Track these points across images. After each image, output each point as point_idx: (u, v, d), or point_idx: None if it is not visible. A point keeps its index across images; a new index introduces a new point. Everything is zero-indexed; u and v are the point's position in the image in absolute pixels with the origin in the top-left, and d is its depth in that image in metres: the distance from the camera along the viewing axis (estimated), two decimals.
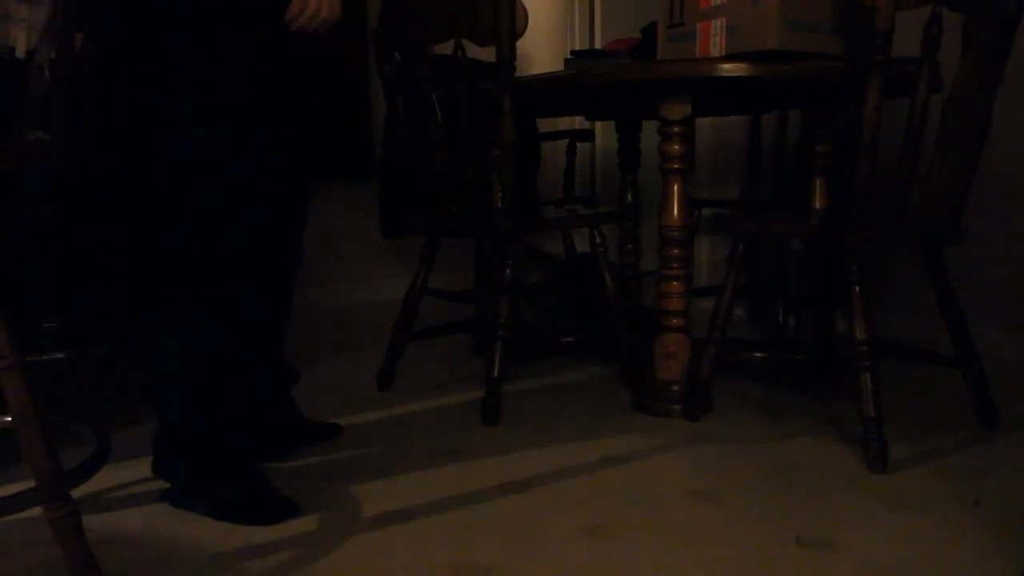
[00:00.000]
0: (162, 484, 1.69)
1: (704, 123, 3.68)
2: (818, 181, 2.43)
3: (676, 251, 2.14)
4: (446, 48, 2.11)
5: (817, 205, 2.43)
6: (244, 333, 1.64)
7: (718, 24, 1.95)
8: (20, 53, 1.49)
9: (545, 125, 3.90)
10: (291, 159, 1.76)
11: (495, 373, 2.16)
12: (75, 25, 1.52)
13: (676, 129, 2.09)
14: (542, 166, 3.53)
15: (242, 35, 1.53)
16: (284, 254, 1.82)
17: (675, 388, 2.16)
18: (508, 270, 2.19)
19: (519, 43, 2.06)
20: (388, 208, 3.80)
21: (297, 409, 2.01)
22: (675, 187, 2.12)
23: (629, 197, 3.03)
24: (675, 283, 2.14)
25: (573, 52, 2.77)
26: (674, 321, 2.15)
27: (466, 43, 2.08)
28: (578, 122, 4.33)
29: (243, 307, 1.62)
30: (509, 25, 2.00)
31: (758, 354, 2.47)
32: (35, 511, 1.28)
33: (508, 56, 2.02)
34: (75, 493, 1.27)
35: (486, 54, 2.07)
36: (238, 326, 1.61)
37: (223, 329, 1.59)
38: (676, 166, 2.11)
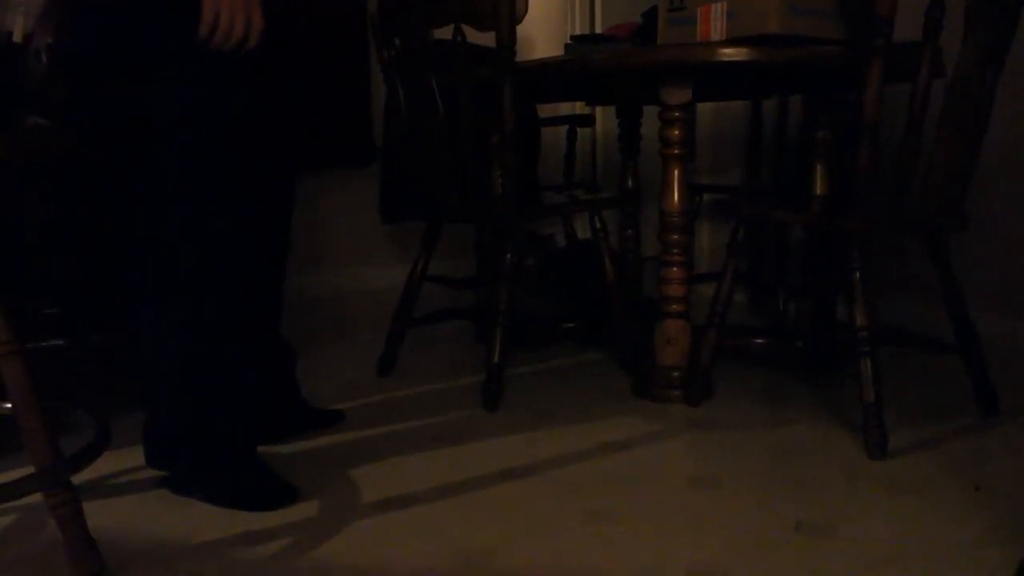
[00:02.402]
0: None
1: (705, 108, 3.66)
2: (819, 167, 2.42)
3: (676, 237, 2.13)
4: (446, 33, 2.10)
5: (818, 191, 2.42)
6: (236, 322, 1.64)
7: (719, 8, 1.94)
8: (17, 38, 1.48)
9: (545, 110, 3.89)
10: (282, 151, 1.77)
11: (495, 359, 2.16)
12: (72, 11, 1.51)
13: (676, 114, 2.08)
14: (542, 152, 3.52)
15: None
16: (275, 243, 1.83)
17: (675, 374, 2.16)
18: (509, 256, 2.18)
19: (519, 28, 2.04)
20: (388, 194, 3.80)
21: (300, 395, 2.01)
22: (675, 172, 2.12)
23: (630, 183, 3.02)
24: (675, 269, 2.14)
25: (573, 37, 2.75)
26: (674, 307, 2.15)
27: (466, 28, 2.07)
28: (578, 107, 4.32)
29: (234, 297, 1.62)
30: (509, 10, 1.99)
31: (759, 340, 2.47)
32: (35, 497, 1.29)
33: (508, 41, 2.01)
34: (75, 479, 1.27)
35: (486, 39, 2.06)
36: (229, 316, 1.61)
37: (214, 318, 1.59)
38: (676, 151, 2.11)
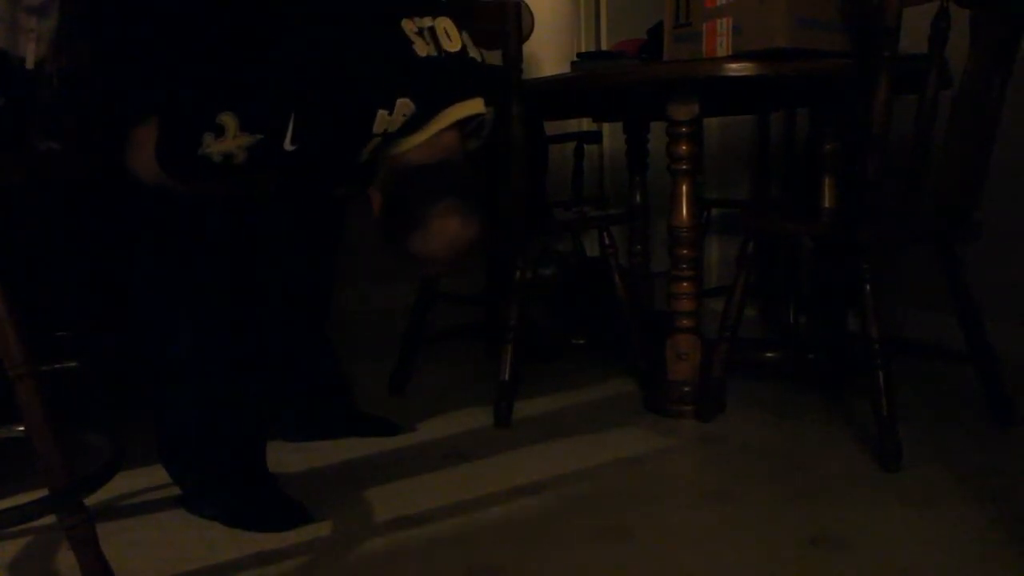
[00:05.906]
0: (175, 491, 1.69)
1: (712, 123, 3.67)
2: (827, 180, 2.42)
3: (686, 251, 2.13)
4: None
5: (827, 204, 2.42)
6: (246, 335, 1.65)
7: (724, 23, 1.94)
8: (30, 64, 1.49)
9: (552, 127, 3.89)
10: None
11: (506, 375, 2.15)
12: (80, 33, 1.52)
13: (684, 129, 2.08)
14: (550, 169, 3.52)
15: None
16: (303, 251, 1.87)
17: (687, 389, 2.16)
18: (519, 273, 2.19)
19: (525, 46, 2.06)
20: None
21: (349, 398, 2.12)
22: (684, 187, 2.12)
23: (638, 198, 3.02)
24: (686, 283, 2.14)
25: (580, 54, 2.76)
26: (685, 321, 2.14)
27: None
28: (585, 124, 4.33)
29: (244, 309, 1.64)
30: (516, 27, 2.00)
31: (770, 354, 2.46)
32: (49, 519, 1.29)
33: (515, 59, 2.02)
34: (89, 501, 1.27)
35: (493, 57, 2.07)
36: (238, 329, 1.63)
37: (221, 334, 1.59)
38: (684, 166, 2.11)
